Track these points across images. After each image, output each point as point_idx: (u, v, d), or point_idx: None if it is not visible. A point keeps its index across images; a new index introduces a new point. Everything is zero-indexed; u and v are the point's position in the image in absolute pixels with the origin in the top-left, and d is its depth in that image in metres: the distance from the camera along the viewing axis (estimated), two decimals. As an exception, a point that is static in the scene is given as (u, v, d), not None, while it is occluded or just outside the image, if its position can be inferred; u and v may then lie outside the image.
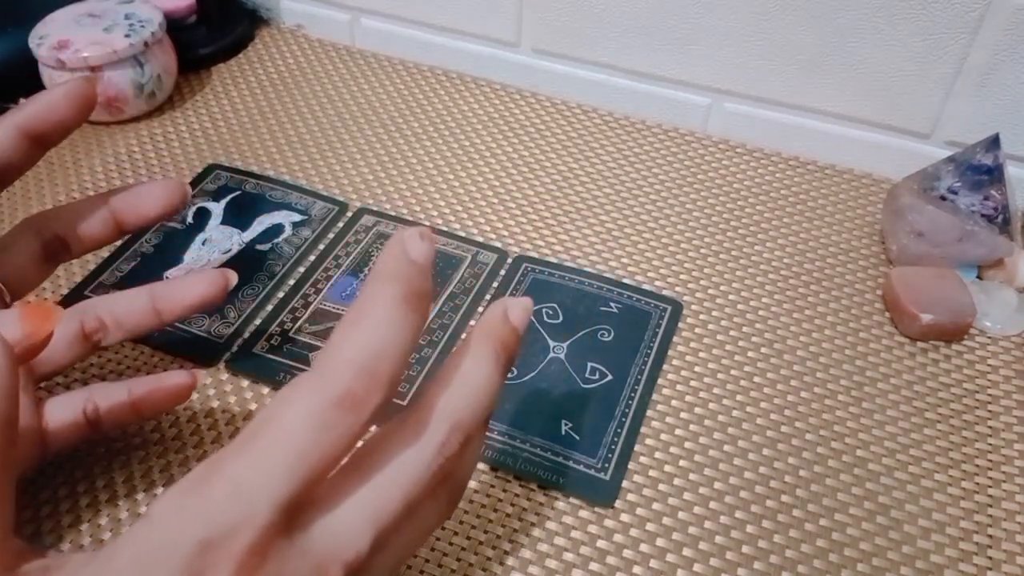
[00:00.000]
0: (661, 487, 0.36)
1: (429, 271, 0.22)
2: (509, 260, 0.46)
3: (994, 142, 0.45)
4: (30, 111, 0.31)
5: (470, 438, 0.23)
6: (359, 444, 0.22)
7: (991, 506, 0.36)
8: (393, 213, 0.49)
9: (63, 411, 0.32)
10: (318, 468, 0.20)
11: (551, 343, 0.41)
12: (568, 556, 0.34)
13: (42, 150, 0.32)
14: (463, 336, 0.42)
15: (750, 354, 0.42)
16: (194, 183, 0.50)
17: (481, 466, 0.37)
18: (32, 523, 0.34)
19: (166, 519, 0.20)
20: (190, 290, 0.35)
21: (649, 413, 0.39)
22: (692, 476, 0.36)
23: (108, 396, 0.33)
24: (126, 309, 0.34)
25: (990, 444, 0.38)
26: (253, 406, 0.39)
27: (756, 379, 0.40)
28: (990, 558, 0.34)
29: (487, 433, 0.37)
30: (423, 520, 0.25)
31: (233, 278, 0.36)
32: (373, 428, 0.23)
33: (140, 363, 0.40)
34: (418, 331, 0.22)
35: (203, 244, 0.46)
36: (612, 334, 0.42)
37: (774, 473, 0.37)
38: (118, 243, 0.46)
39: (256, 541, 0.19)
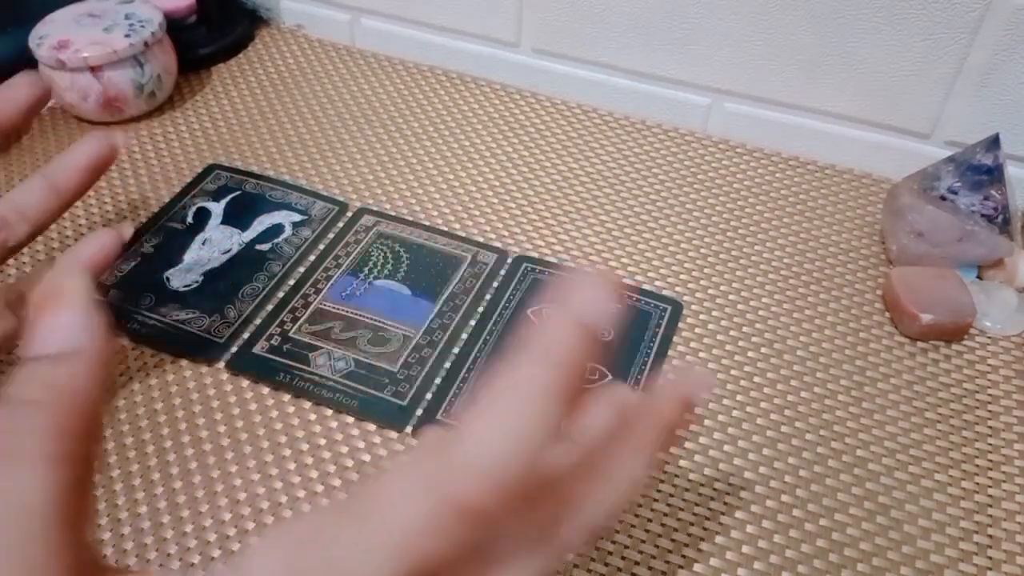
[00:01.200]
0: (661, 487, 0.36)
1: (599, 337, 0.19)
2: (509, 260, 0.46)
3: (994, 142, 0.45)
4: None
5: None
6: None
7: (991, 506, 0.36)
8: (393, 213, 0.49)
9: None
10: (423, 569, 0.18)
11: (551, 343, 0.41)
12: (568, 556, 0.34)
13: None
14: (463, 336, 0.42)
15: (750, 354, 0.42)
16: (194, 183, 0.50)
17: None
18: (32, 523, 0.34)
19: None
20: (77, 154, 0.33)
21: (649, 413, 0.39)
22: (692, 476, 0.36)
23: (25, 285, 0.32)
24: (23, 197, 0.33)
25: (990, 444, 0.38)
26: (253, 406, 0.39)
27: (756, 379, 0.40)
28: (990, 558, 0.34)
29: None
30: None
31: (120, 139, 0.34)
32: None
33: (140, 363, 0.40)
34: (556, 428, 0.19)
35: (203, 244, 0.46)
36: (612, 334, 0.42)
37: (774, 473, 0.37)
38: (118, 243, 0.46)
39: None
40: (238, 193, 0.50)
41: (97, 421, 0.21)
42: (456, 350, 0.41)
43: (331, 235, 0.47)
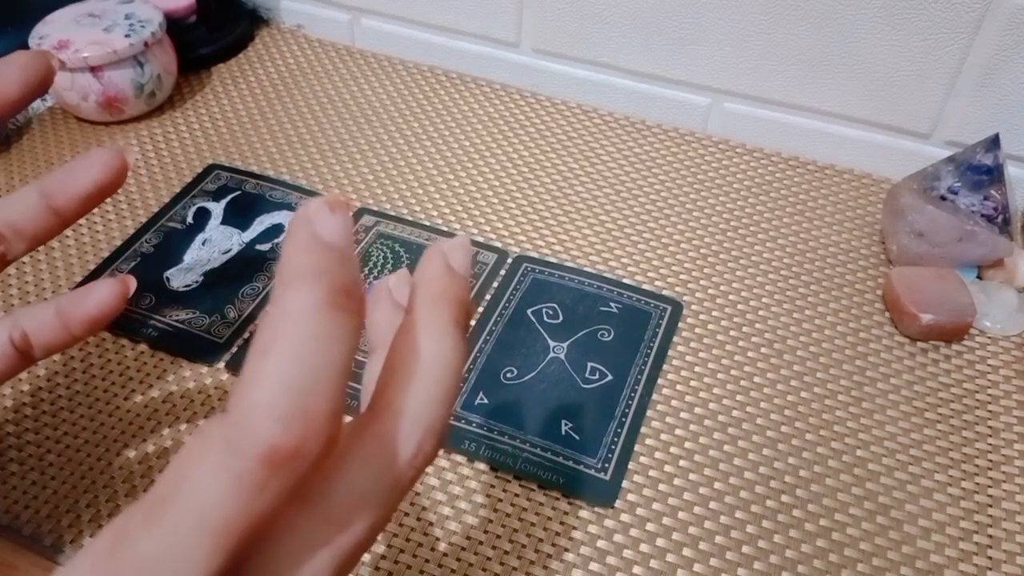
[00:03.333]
0: (661, 487, 0.36)
1: (351, 252, 0.17)
2: (509, 260, 0.46)
3: (994, 142, 0.45)
4: None
5: (442, 434, 0.19)
6: None
7: (991, 506, 0.36)
8: (393, 213, 0.49)
9: None
10: (250, 531, 0.16)
11: (551, 343, 0.41)
12: (568, 556, 0.34)
13: None
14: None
15: (750, 354, 0.42)
16: (194, 183, 0.50)
17: (481, 466, 0.37)
18: (31, 524, 0.34)
19: None
20: (80, 178, 0.31)
21: (649, 413, 0.39)
22: (692, 476, 0.36)
23: (34, 317, 0.31)
24: (20, 215, 0.31)
25: (990, 444, 0.38)
26: (253, 406, 0.39)
27: (756, 379, 0.40)
28: (990, 558, 0.34)
29: (487, 433, 0.37)
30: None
31: (130, 156, 0.31)
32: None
33: (140, 362, 0.40)
34: (354, 334, 0.17)
35: (203, 244, 0.46)
36: (612, 334, 0.42)
37: (774, 473, 0.37)
38: (117, 242, 0.46)
39: None
40: (238, 193, 0.50)
41: None
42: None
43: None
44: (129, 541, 0.16)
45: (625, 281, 0.45)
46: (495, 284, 0.44)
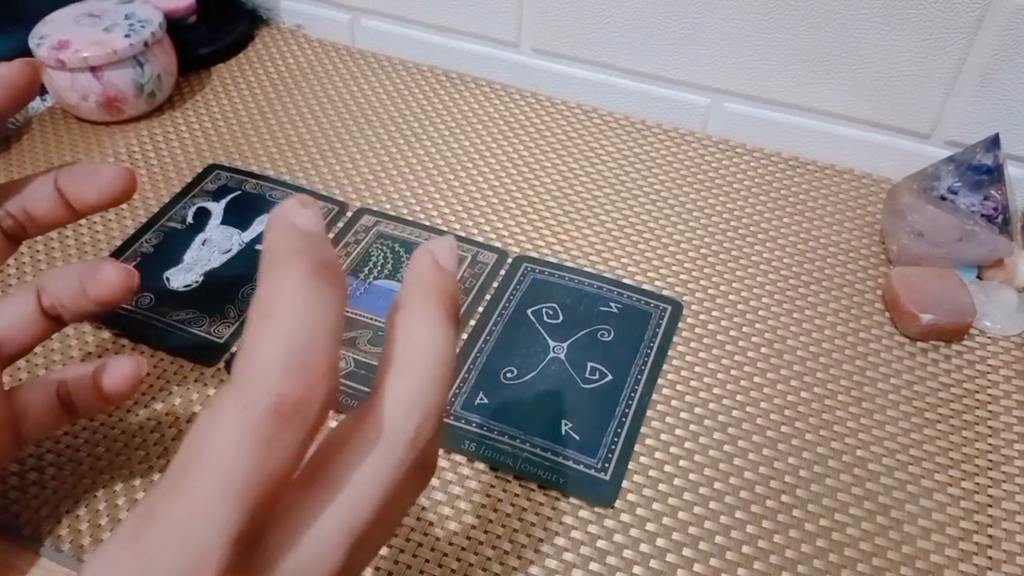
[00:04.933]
0: (661, 487, 0.36)
1: (327, 237, 0.20)
2: (509, 260, 0.46)
3: (994, 142, 0.45)
4: None
5: (441, 417, 0.20)
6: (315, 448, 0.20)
7: (991, 506, 0.36)
8: (393, 213, 0.49)
9: (36, 395, 0.31)
10: (268, 489, 0.17)
11: (551, 343, 0.41)
12: (568, 556, 0.34)
13: None
14: (463, 336, 0.42)
15: (750, 354, 0.42)
16: (194, 183, 0.50)
17: (481, 466, 0.37)
18: (31, 524, 0.34)
19: None
20: (98, 180, 0.32)
21: (649, 413, 0.39)
22: (692, 476, 0.36)
23: (75, 374, 0.32)
24: (34, 205, 0.32)
25: (990, 444, 0.38)
26: (253, 406, 0.39)
27: (756, 379, 0.40)
28: (990, 558, 0.34)
29: (487, 433, 0.37)
30: (398, 506, 0.22)
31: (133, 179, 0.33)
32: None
33: (140, 363, 0.40)
34: (341, 304, 0.19)
35: (203, 244, 0.46)
36: (612, 334, 0.42)
37: (774, 473, 0.37)
38: (117, 242, 0.46)
39: None
40: (238, 193, 0.50)
41: None
42: (456, 350, 0.41)
43: (331, 235, 0.47)
44: (153, 516, 0.17)
45: (625, 281, 0.45)
46: (495, 284, 0.44)
